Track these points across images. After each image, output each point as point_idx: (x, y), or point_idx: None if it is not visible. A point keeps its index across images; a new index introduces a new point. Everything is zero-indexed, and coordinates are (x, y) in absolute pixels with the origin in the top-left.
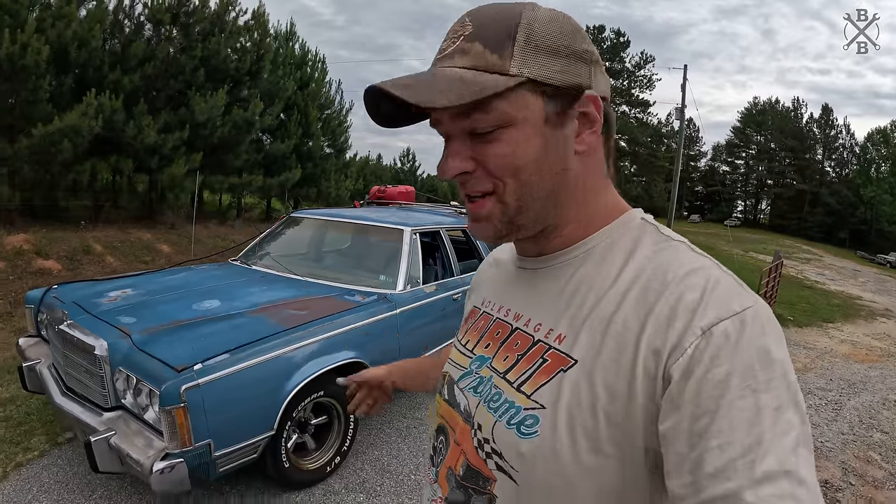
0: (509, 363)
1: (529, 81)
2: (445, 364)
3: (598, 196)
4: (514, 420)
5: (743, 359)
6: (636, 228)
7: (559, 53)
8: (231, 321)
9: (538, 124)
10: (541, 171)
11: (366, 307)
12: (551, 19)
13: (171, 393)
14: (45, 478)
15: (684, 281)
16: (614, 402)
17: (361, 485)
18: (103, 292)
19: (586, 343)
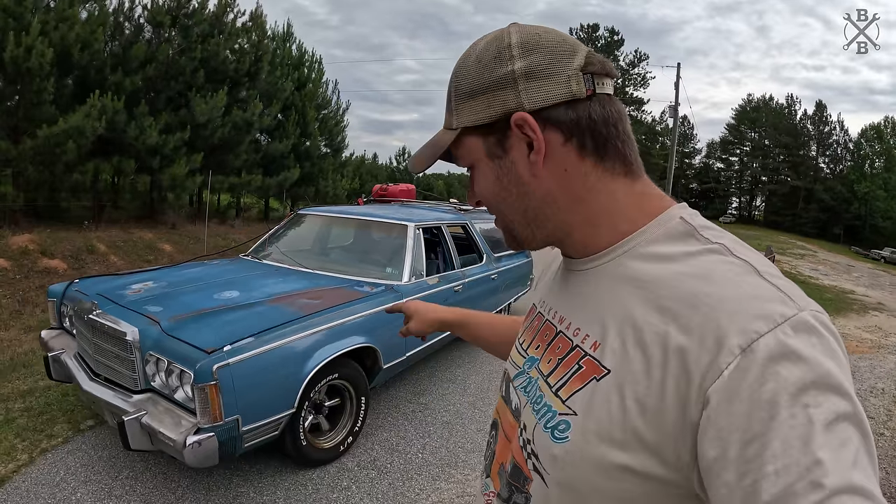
0: (551, 366)
1: (465, 129)
2: (506, 363)
3: (599, 199)
4: (550, 424)
5: (791, 374)
6: (674, 229)
7: (478, 92)
8: (251, 309)
9: (485, 160)
10: (504, 199)
11: (374, 297)
12: (476, 58)
13: (204, 371)
14: (70, 462)
15: (719, 292)
16: (644, 416)
17: (373, 463)
18: (126, 285)
19: (618, 353)
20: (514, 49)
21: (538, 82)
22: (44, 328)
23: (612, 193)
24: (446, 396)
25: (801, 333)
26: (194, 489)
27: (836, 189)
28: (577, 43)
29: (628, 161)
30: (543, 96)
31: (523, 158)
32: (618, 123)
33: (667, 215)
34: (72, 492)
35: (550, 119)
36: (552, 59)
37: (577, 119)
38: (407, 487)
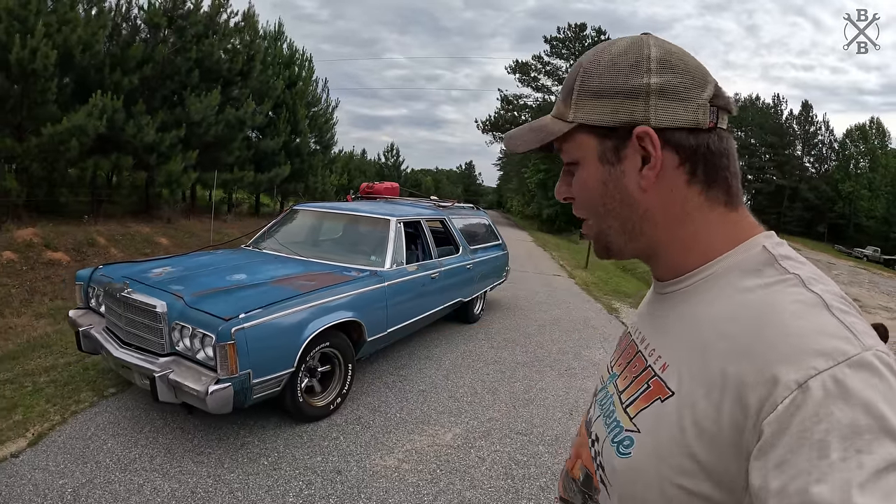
0: (626, 383)
1: (582, 125)
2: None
3: (694, 225)
4: (617, 438)
5: (845, 415)
6: (753, 258)
7: (607, 95)
8: (258, 288)
9: (594, 162)
10: (605, 204)
11: (360, 280)
12: (612, 59)
13: (225, 333)
14: (98, 420)
15: (783, 323)
16: (701, 439)
17: (358, 420)
18: (147, 269)
19: (684, 377)
20: (652, 63)
21: (669, 102)
22: (53, 315)
23: (707, 221)
24: (423, 370)
25: (860, 373)
26: (207, 439)
27: (821, 188)
28: (708, 73)
29: (731, 192)
30: (672, 117)
31: (634, 170)
32: (729, 157)
33: (750, 243)
34: (102, 443)
35: (671, 140)
36: (687, 84)
37: (696, 147)
38: (386, 438)
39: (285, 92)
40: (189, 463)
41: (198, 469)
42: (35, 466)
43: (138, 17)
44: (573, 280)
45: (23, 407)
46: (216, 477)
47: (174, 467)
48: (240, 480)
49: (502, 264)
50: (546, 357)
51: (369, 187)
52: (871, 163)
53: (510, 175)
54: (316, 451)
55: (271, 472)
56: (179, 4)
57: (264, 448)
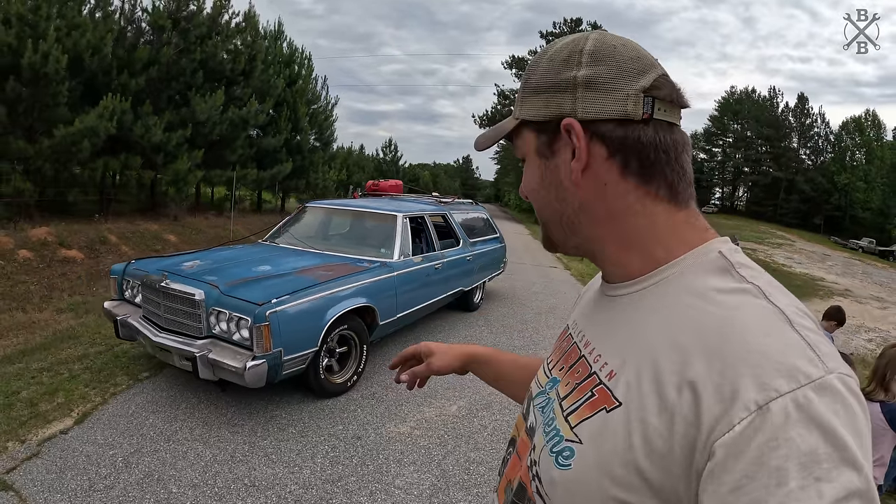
0: (568, 389)
1: (524, 122)
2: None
3: (635, 221)
4: (556, 448)
5: (806, 442)
6: (708, 264)
7: (541, 90)
8: (283, 278)
9: (534, 156)
10: (543, 198)
11: (372, 270)
12: (550, 56)
13: (261, 315)
14: (138, 400)
15: (744, 339)
16: (650, 456)
17: (372, 395)
18: (178, 263)
19: (633, 387)
20: (584, 56)
21: (595, 94)
22: (73, 309)
23: (650, 216)
24: None
25: (824, 398)
26: (240, 413)
27: (817, 180)
28: (654, 65)
29: (676, 189)
30: (596, 109)
31: (566, 164)
32: (669, 151)
33: (705, 248)
34: (144, 419)
35: (598, 132)
36: (616, 75)
37: (623, 138)
38: (398, 410)
39: (286, 90)
40: (226, 433)
41: (234, 437)
42: (85, 440)
43: (142, 19)
44: (569, 271)
45: (63, 391)
46: (251, 444)
47: (213, 436)
48: (273, 446)
49: (500, 256)
50: (542, 341)
51: (375, 185)
52: (867, 155)
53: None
54: (337, 421)
55: (300, 439)
56: (182, 6)
57: (291, 419)
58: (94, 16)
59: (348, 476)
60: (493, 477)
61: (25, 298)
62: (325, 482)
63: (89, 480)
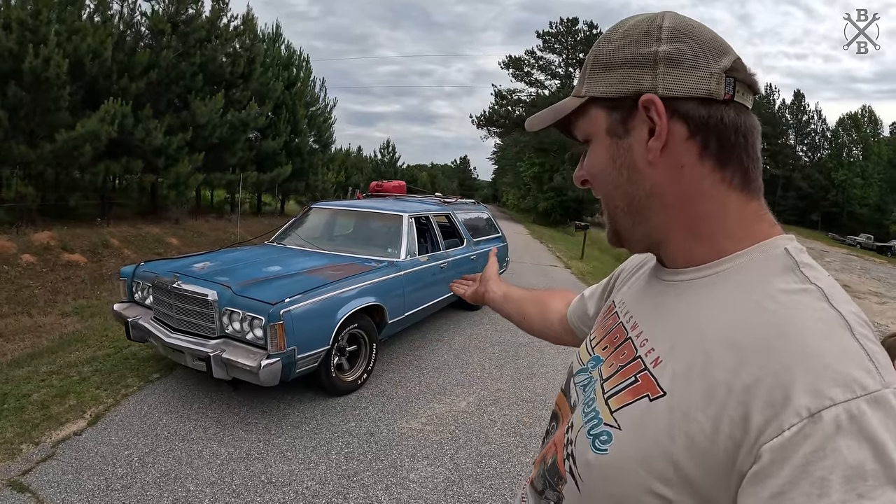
0: (611, 371)
1: (592, 99)
2: (575, 354)
3: (708, 206)
4: (594, 431)
5: (854, 456)
6: (773, 260)
7: (615, 65)
8: (294, 278)
9: (603, 136)
10: (613, 182)
11: (380, 270)
12: (624, 32)
13: (275, 314)
14: (150, 401)
15: (802, 343)
16: (691, 452)
17: (382, 392)
18: (188, 265)
19: (680, 378)
20: (663, 32)
21: (678, 70)
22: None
23: (723, 203)
24: (436, 350)
25: (877, 412)
26: (253, 412)
27: (814, 177)
28: (730, 48)
29: (749, 177)
30: (679, 85)
31: (642, 143)
32: (748, 135)
33: (771, 243)
34: (157, 419)
35: (679, 110)
36: (699, 52)
37: (707, 118)
38: (409, 407)
39: (284, 93)
40: (240, 431)
41: (248, 436)
42: (99, 441)
43: (141, 24)
44: (569, 270)
45: (74, 393)
46: (266, 441)
47: (227, 435)
48: (287, 444)
49: (502, 255)
50: None
51: (379, 186)
52: (864, 151)
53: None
54: (350, 418)
55: (314, 436)
56: (181, 10)
57: (304, 417)
58: (94, 20)
59: (363, 471)
60: (504, 470)
61: (30, 303)
62: (340, 477)
63: (106, 480)
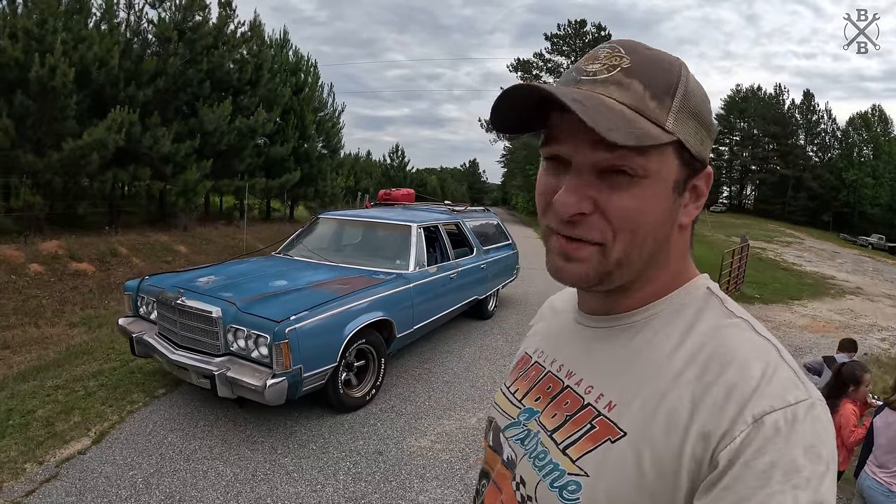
0: (557, 422)
1: (678, 142)
2: (492, 409)
3: (678, 264)
4: (558, 483)
5: (789, 453)
6: (700, 299)
7: (701, 122)
8: (300, 292)
9: (668, 186)
10: (654, 233)
11: (388, 283)
12: (697, 85)
13: (280, 333)
14: (155, 418)
15: (743, 366)
16: (661, 481)
17: (391, 408)
18: (193, 279)
19: (637, 416)
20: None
21: (709, 141)
22: (86, 323)
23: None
24: (445, 363)
25: (808, 417)
26: (259, 430)
27: (825, 177)
28: None
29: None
30: (707, 156)
31: (683, 206)
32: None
33: (695, 284)
34: (163, 437)
35: None
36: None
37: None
38: (418, 423)
39: (293, 98)
40: (245, 450)
41: (254, 455)
42: (103, 461)
43: (148, 31)
44: None
45: (79, 409)
46: (272, 461)
47: (233, 455)
48: (294, 463)
49: (513, 263)
50: None
51: (387, 194)
52: (875, 150)
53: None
54: (357, 436)
55: (321, 455)
56: (188, 17)
57: (311, 435)
58: (101, 28)
59: (371, 493)
60: None
61: (38, 313)
62: (348, 500)
63: (109, 503)
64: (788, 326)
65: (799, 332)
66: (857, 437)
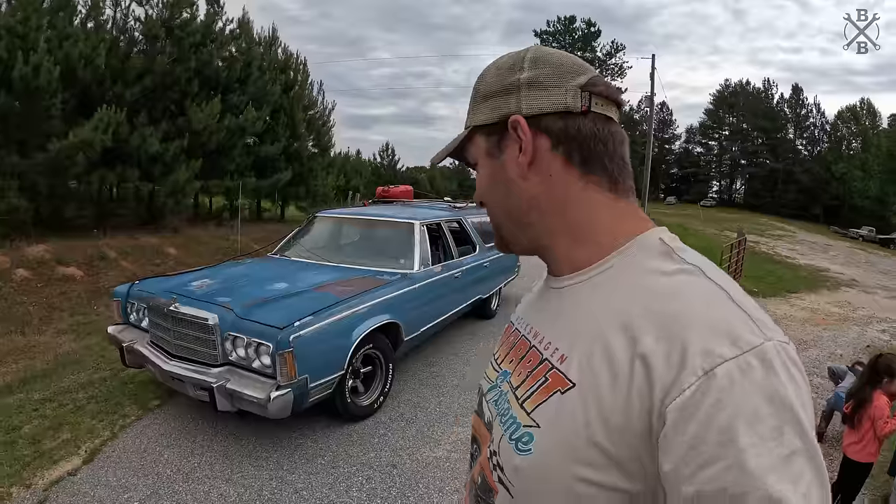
0: (521, 379)
1: (475, 128)
2: (482, 377)
3: (581, 210)
4: (515, 435)
5: (749, 403)
6: (650, 250)
7: (489, 96)
8: (301, 296)
9: (485, 158)
10: (494, 197)
11: (394, 284)
12: (495, 67)
13: (284, 341)
14: (149, 433)
15: (689, 311)
16: (608, 430)
17: (401, 416)
18: (186, 283)
19: (585, 367)
20: (525, 62)
21: (537, 92)
22: (75, 331)
23: (593, 205)
24: (452, 366)
25: (764, 363)
26: (262, 444)
27: (815, 170)
28: (589, 68)
29: (614, 179)
30: (538, 104)
31: (514, 159)
32: (608, 142)
33: (646, 236)
34: (158, 455)
35: (541, 125)
36: (555, 74)
37: (564, 128)
38: (431, 432)
39: (282, 97)
40: (249, 467)
41: (259, 473)
42: (96, 482)
43: (135, 28)
44: None
45: (69, 425)
46: (279, 479)
47: (235, 472)
48: (302, 480)
49: (514, 260)
50: None
51: (385, 191)
52: (863, 143)
53: None
54: (368, 448)
55: (330, 470)
56: (176, 14)
57: (318, 448)
58: (86, 26)
59: None
60: None
61: (24, 320)
62: None
63: None
64: (789, 320)
65: (800, 325)
66: (891, 427)
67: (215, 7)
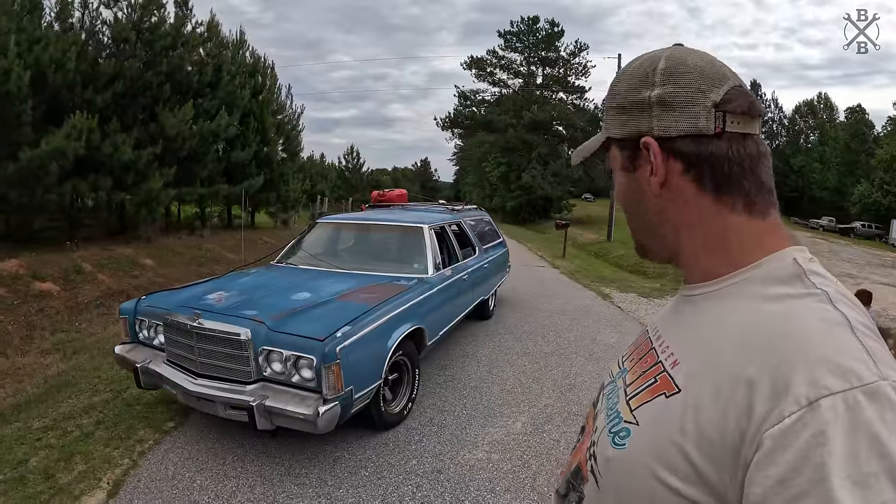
0: (634, 377)
1: (610, 138)
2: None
3: (713, 229)
4: (615, 429)
5: (849, 442)
6: (782, 269)
7: (622, 109)
8: (328, 305)
9: (620, 171)
10: (629, 208)
11: (414, 289)
12: (629, 75)
13: (330, 354)
14: (173, 458)
15: (803, 337)
16: (700, 443)
17: (430, 421)
18: (201, 296)
19: (693, 376)
20: (657, 75)
21: (669, 111)
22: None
23: (727, 225)
24: (466, 368)
25: (873, 404)
26: (298, 460)
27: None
28: (726, 78)
29: (751, 200)
30: (670, 126)
31: (646, 178)
32: (744, 163)
33: (780, 254)
34: (189, 481)
35: (673, 149)
36: (687, 91)
37: (697, 153)
38: (465, 434)
39: (251, 101)
40: (292, 486)
41: (303, 491)
42: None
43: (103, 32)
44: (557, 270)
45: (80, 454)
46: (326, 496)
47: (280, 493)
48: (352, 496)
49: (505, 260)
50: (568, 345)
51: (381, 195)
52: (821, 136)
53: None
54: (409, 455)
55: (377, 482)
56: (145, 17)
57: (358, 460)
58: (53, 28)
59: None
60: None
61: (5, 341)
62: None
63: None
64: None
65: None
66: None
67: (184, 10)
